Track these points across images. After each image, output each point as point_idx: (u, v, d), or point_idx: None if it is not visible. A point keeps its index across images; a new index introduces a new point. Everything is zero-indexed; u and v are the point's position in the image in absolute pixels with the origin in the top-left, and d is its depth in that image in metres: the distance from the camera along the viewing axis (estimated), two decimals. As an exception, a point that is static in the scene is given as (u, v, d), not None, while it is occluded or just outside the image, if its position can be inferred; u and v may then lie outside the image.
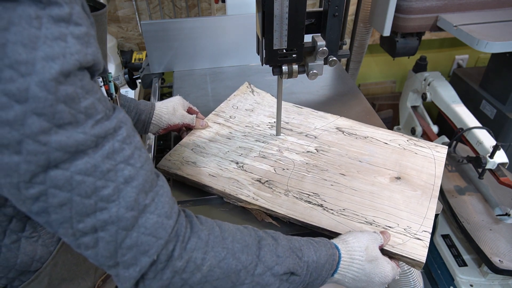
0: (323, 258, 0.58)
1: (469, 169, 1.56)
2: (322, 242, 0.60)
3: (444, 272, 1.46)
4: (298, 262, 0.55)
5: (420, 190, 0.78)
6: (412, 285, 0.86)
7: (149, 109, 0.88)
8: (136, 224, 0.42)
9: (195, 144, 0.91)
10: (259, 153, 0.89)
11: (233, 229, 0.53)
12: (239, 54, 1.33)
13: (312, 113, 1.03)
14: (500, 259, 1.23)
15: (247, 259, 0.50)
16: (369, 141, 0.92)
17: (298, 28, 0.72)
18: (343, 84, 1.26)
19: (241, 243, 0.51)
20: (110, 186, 0.40)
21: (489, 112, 1.75)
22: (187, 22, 1.24)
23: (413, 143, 0.91)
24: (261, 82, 1.25)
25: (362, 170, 0.83)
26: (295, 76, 0.80)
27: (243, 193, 0.78)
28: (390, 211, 0.74)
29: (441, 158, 0.86)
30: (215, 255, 0.48)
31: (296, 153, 0.89)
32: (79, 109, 0.38)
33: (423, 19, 1.56)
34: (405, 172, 0.83)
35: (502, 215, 1.39)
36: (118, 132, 0.42)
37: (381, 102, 2.31)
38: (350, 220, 0.72)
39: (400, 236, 0.69)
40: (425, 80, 1.78)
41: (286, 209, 0.75)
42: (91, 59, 0.40)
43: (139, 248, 0.43)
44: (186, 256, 0.46)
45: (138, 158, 0.43)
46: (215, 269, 0.48)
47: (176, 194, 0.83)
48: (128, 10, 1.69)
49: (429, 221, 0.72)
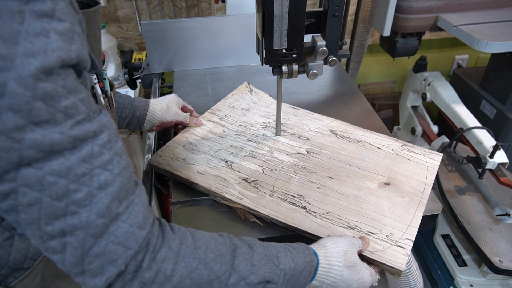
0: (301, 264, 0.57)
1: (469, 169, 1.56)
2: (300, 248, 0.59)
3: (444, 272, 1.45)
4: (275, 270, 0.54)
5: (408, 197, 0.77)
6: (412, 285, 0.86)
7: (144, 106, 0.89)
8: (106, 232, 0.41)
9: (187, 141, 0.92)
10: (249, 153, 0.89)
11: (208, 238, 0.52)
12: (239, 54, 1.33)
13: (308, 115, 1.02)
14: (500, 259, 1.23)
15: (221, 269, 0.49)
16: (362, 145, 0.91)
17: (298, 28, 0.72)
18: (343, 84, 1.26)
19: (214, 252, 0.50)
20: (83, 191, 0.39)
21: (489, 112, 1.75)
22: (187, 22, 1.24)
23: (407, 149, 0.89)
24: (261, 82, 1.25)
25: (351, 174, 0.83)
26: (295, 76, 0.80)
27: (228, 192, 0.79)
28: (374, 217, 0.73)
29: (434, 165, 0.85)
30: (186, 265, 0.47)
31: (286, 154, 0.89)
32: (58, 108, 0.37)
33: (423, 19, 1.56)
34: (395, 178, 0.81)
35: (502, 215, 1.39)
36: (99, 136, 0.41)
37: (381, 102, 2.31)
38: (332, 224, 0.72)
39: (381, 243, 0.68)
40: (425, 80, 1.78)
41: (269, 210, 0.75)
42: (75, 56, 0.39)
43: (107, 257, 0.42)
44: (155, 267, 0.44)
45: (117, 165, 0.42)
46: (186, 280, 0.46)
47: (175, 194, 0.83)
48: (128, 10, 1.69)
49: (413, 229, 0.70)
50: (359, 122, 1.06)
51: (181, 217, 0.79)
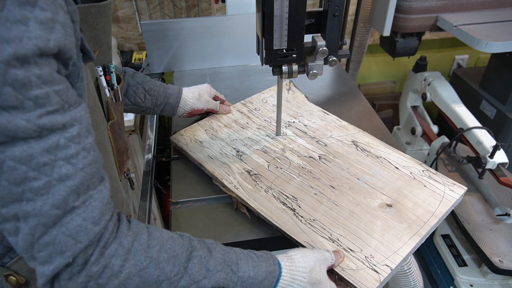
0: (262, 274, 0.56)
1: (469, 169, 1.56)
2: (264, 257, 0.58)
3: (444, 272, 1.46)
4: (231, 277, 0.53)
5: (407, 224, 0.72)
6: (412, 285, 0.86)
7: (177, 93, 0.94)
8: (58, 223, 0.41)
9: (210, 126, 0.98)
10: (263, 147, 0.91)
11: (165, 238, 0.51)
12: (239, 54, 1.33)
13: (335, 121, 1.00)
14: (500, 259, 1.23)
15: (172, 270, 0.49)
16: (380, 161, 0.86)
17: (298, 28, 0.72)
18: (343, 84, 1.26)
19: (169, 252, 0.50)
20: (42, 180, 0.40)
21: (489, 112, 1.75)
22: (187, 22, 1.24)
23: (428, 174, 0.83)
24: (261, 82, 1.25)
25: (355, 188, 0.80)
26: (295, 76, 0.80)
27: (228, 179, 0.82)
28: (361, 235, 0.70)
29: (451, 198, 0.77)
30: (136, 263, 0.47)
31: (297, 155, 0.89)
32: (28, 96, 0.38)
33: (423, 19, 1.56)
34: (401, 202, 0.76)
35: (502, 215, 1.39)
36: (68, 129, 0.41)
37: (381, 102, 2.31)
38: (314, 232, 0.71)
39: (357, 262, 0.65)
40: (425, 80, 1.78)
41: (258, 204, 0.76)
42: (54, 46, 0.39)
43: (55, 247, 0.42)
44: (103, 262, 0.44)
45: (82, 159, 0.43)
46: (134, 277, 0.46)
47: (175, 194, 0.83)
48: (128, 10, 1.69)
49: (397, 258, 0.66)
50: (359, 122, 1.06)
51: (181, 217, 0.79)
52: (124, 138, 0.75)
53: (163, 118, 1.93)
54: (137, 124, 1.49)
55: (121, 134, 0.71)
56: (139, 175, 1.56)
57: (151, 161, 1.00)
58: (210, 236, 0.75)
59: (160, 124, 1.93)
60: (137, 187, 1.56)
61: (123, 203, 0.73)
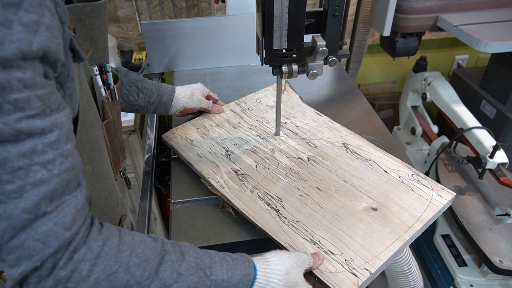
0: (236, 277, 0.56)
1: (469, 169, 1.56)
2: (240, 260, 0.58)
3: (444, 272, 1.46)
4: (204, 281, 0.53)
5: (391, 228, 0.71)
6: (412, 285, 0.86)
7: (170, 92, 0.94)
8: (28, 227, 0.41)
9: (202, 125, 0.99)
10: (252, 148, 0.91)
11: (137, 242, 0.51)
12: (239, 54, 1.33)
13: (327, 123, 0.99)
14: (500, 259, 1.23)
15: (143, 275, 0.49)
16: (369, 164, 0.85)
17: (298, 28, 0.72)
18: (343, 84, 1.26)
19: (140, 257, 0.49)
20: (16, 183, 0.40)
21: (489, 112, 1.75)
22: (187, 22, 1.24)
23: (417, 179, 0.81)
24: (261, 82, 1.25)
25: (341, 190, 0.79)
26: (295, 76, 0.80)
27: (214, 178, 0.82)
28: (343, 238, 0.69)
29: (438, 203, 0.76)
30: (105, 268, 0.46)
31: (286, 156, 0.88)
32: (8, 99, 0.37)
33: (423, 19, 1.56)
34: (387, 206, 0.75)
35: (502, 215, 1.39)
36: (47, 134, 0.41)
37: (381, 102, 2.31)
38: (296, 233, 0.70)
39: (336, 265, 0.65)
40: (425, 80, 1.78)
41: (242, 204, 0.76)
42: (38, 49, 0.39)
43: (24, 251, 0.42)
44: (71, 266, 0.44)
45: (59, 166, 0.42)
46: (103, 282, 0.46)
47: (175, 194, 0.83)
48: (128, 10, 1.69)
49: (378, 262, 0.65)
50: (359, 122, 1.06)
51: (181, 217, 0.79)
52: (121, 137, 0.74)
53: (163, 118, 1.93)
54: (137, 124, 1.49)
55: (116, 134, 0.71)
56: (139, 175, 1.56)
57: (151, 161, 1.00)
58: (210, 236, 0.75)
59: (160, 124, 1.93)
60: (137, 187, 1.56)
61: (118, 203, 0.73)
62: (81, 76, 0.56)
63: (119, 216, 0.74)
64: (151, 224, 0.86)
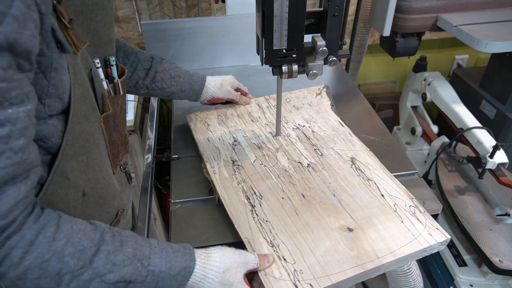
0: (175, 269, 0.56)
1: (469, 169, 1.56)
2: (181, 252, 0.59)
3: (444, 272, 1.45)
4: (141, 271, 0.54)
5: (357, 253, 0.67)
6: (412, 285, 0.86)
7: (201, 81, 0.99)
8: None
9: (224, 113, 1.04)
10: (259, 143, 0.93)
11: (76, 231, 0.51)
12: (239, 54, 1.33)
13: (346, 135, 0.96)
14: (500, 259, 1.23)
15: (76, 264, 0.50)
16: (368, 185, 0.81)
17: (298, 28, 0.72)
18: (343, 84, 1.26)
19: (76, 247, 0.50)
20: None
21: (489, 112, 1.75)
22: (187, 22, 1.24)
23: (413, 211, 0.75)
24: (261, 82, 1.25)
25: (325, 203, 0.77)
26: (295, 76, 0.80)
27: (211, 163, 0.86)
28: (303, 249, 0.67)
29: (424, 242, 0.69)
30: (38, 256, 0.47)
31: (288, 158, 0.89)
32: None
33: (423, 19, 1.56)
34: (365, 230, 0.71)
35: (502, 215, 1.39)
36: None
37: (381, 102, 2.31)
38: (260, 232, 0.71)
39: (283, 272, 0.63)
40: (425, 80, 1.78)
41: (224, 192, 0.79)
42: (1, 39, 0.39)
43: None
44: (3, 252, 0.45)
45: (5, 160, 0.43)
46: (34, 269, 0.47)
47: (175, 194, 0.83)
48: (128, 10, 1.69)
49: (326, 281, 0.62)
50: (359, 122, 1.06)
51: (181, 217, 0.79)
52: (122, 131, 0.74)
53: (163, 118, 1.93)
54: (137, 124, 1.48)
55: (117, 127, 0.70)
56: (139, 175, 1.56)
57: (151, 161, 1.00)
58: (210, 236, 0.75)
59: (160, 124, 1.93)
60: (137, 187, 1.56)
61: (115, 196, 0.72)
62: (77, 67, 0.55)
63: (115, 210, 0.73)
64: (151, 224, 0.86)
